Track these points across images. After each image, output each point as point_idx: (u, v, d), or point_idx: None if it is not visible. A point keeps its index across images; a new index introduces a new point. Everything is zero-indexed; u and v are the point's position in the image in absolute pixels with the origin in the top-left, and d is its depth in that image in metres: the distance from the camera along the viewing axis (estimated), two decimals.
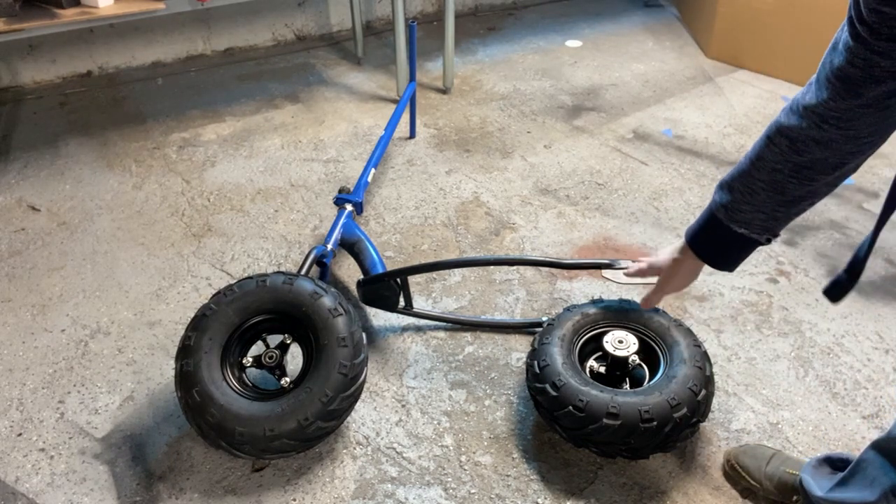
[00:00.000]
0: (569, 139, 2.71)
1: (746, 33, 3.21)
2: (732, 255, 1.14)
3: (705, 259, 1.18)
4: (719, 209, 1.09)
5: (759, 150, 1.00)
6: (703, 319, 1.85)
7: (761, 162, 1.00)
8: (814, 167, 0.95)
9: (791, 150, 0.95)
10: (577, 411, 1.34)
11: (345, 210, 1.97)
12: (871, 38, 0.78)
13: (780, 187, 0.99)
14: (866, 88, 0.83)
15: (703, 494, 1.41)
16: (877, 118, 0.86)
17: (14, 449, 1.52)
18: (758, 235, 1.08)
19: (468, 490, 1.42)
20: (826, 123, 0.89)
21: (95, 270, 2.04)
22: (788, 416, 1.57)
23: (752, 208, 1.04)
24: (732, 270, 1.17)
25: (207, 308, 1.44)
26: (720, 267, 1.17)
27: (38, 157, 2.59)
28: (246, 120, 2.85)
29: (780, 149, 0.96)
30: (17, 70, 3.08)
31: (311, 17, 3.63)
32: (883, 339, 1.78)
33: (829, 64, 0.86)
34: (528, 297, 1.93)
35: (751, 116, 2.87)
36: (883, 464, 1.05)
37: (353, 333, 1.41)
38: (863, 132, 0.88)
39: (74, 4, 2.40)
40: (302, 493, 1.42)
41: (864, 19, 0.77)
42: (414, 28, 2.38)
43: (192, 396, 1.35)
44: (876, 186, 2.38)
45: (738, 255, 1.14)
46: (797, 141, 0.93)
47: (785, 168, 0.97)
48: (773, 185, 1.00)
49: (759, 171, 1.00)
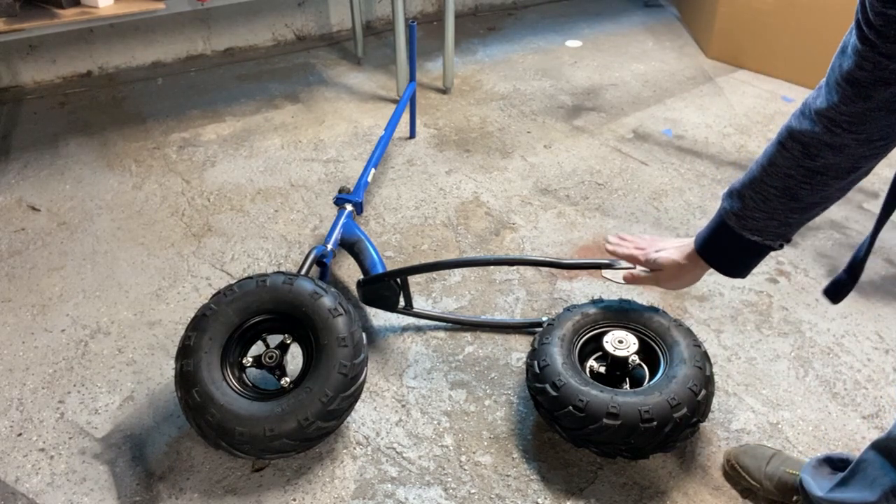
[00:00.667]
0: (569, 139, 2.71)
1: (746, 33, 3.21)
2: (745, 262, 1.14)
3: (717, 267, 1.17)
4: (730, 217, 1.09)
5: (770, 155, 1.00)
6: (703, 319, 1.85)
7: (774, 168, 0.99)
8: (827, 172, 0.94)
9: (804, 155, 0.94)
10: (577, 411, 1.34)
11: (345, 210, 1.97)
12: (878, 40, 0.78)
13: (793, 193, 0.99)
14: (876, 91, 0.82)
15: (703, 494, 1.41)
16: (888, 121, 0.85)
17: (14, 449, 1.52)
18: (771, 242, 1.08)
19: (468, 490, 1.42)
20: (838, 127, 0.88)
21: (95, 270, 2.04)
22: (788, 416, 1.57)
23: (765, 215, 1.04)
24: (744, 276, 1.17)
25: (207, 308, 1.44)
26: (732, 274, 1.16)
27: (38, 157, 2.59)
28: (246, 120, 2.85)
29: (793, 154, 0.95)
30: (17, 70, 3.08)
31: (311, 17, 3.63)
32: (883, 339, 1.78)
33: (839, 67, 0.86)
34: (528, 297, 1.93)
35: (751, 116, 2.87)
36: (883, 464, 1.05)
37: (353, 333, 1.41)
38: (874, 135, 0.88)
39: (74, 4, 2.40)
40: (302, 493, 1.42)
41: (871, 22, 0.77)
42: (414, 28, 2.38)
43: (192, 396, 1.35)
44: (876, 186, 2.38)
45: (750, 262, 1.14)
46: (810, 146, 0.93)
47: (798, 174, 0.96)
48: (786, 192, 0.99)
49: (771, 178, 1.00)
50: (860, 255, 1.00)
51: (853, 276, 1.02)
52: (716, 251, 1.16)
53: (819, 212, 1.03)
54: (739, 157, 2.58)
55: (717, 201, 1.90)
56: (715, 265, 1.17)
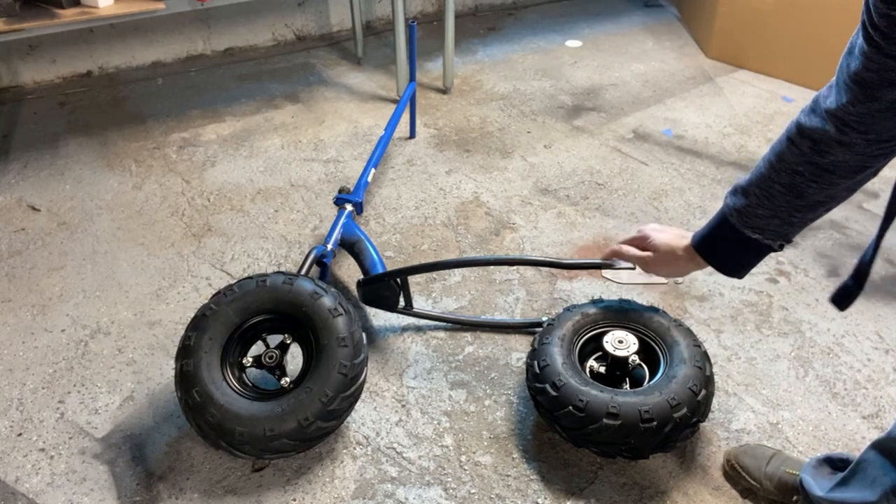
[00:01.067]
0: (569, 139, 2.71)
1: (746, 33, 3.21)
2: (743, 261, 1.13)
3: (715, 265, 1.16)
4: (732, 213, 1.08)
5: (779, 151, 0.99)
6: (703, 319, 1.85)
7: (782, 164, 0.98)
8: (835, 170, 0.94)
9: (813, 151, 0.94)
10: (577, 411, 1.34)
11: (345, 210, 1.97)
12: (883, 42, 0.78)
13: (798, 190, 0.98)
14: (882, 92, 0.82)
15: (703, 494, 1.41)
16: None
17: (14, 449, 1.52)
18: (771, 241, 1.07)
19: (468, 490, 1.42)
20: (847, 127, 0.88)
21: (95, 270, 2.04)
22: (788, 416, 1.57)
23: (769, 213, 1.03)
24: (741, 277, 1.16)
25: (207, 308, 1.44)
26: (729, 273, 1.16)
27: (38, 157, 2.59)
28: (246, 120, 2.85)
29: (802, 150, 0.95)
30: (17, 70, 3.08)
31: (311, 17, 3.63)
32: (883, 339, 1.78)
33: (847, 68, 0.86)
34: (528, 297, 1.93)
35: (751, 116, 2.87)
36: (883, 464, 1.05)
37: (353, 333, 1.41)
38: (884, 135, 0.88)
39: (74, 4, 2.40)
40: (302, 493, 1.42)
41: (876, 24, 0.77)
42: (414, 28, 2.38)
43: (192, 396, 1.35)
44: (876, 186, 2.38)
45: (749, 262, 1.13)
46: (820, 142, 0.92)
47: (806, 171, 0.96)
48: (792, 189, 0.99)
49: (778, 174, 0.99)
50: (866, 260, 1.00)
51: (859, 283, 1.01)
52: (715, 248, 1.15)
53: (822, 213, 1.02)
54: (739, 157, 2.58)
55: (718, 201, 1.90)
56: (712, 262, 1.17)
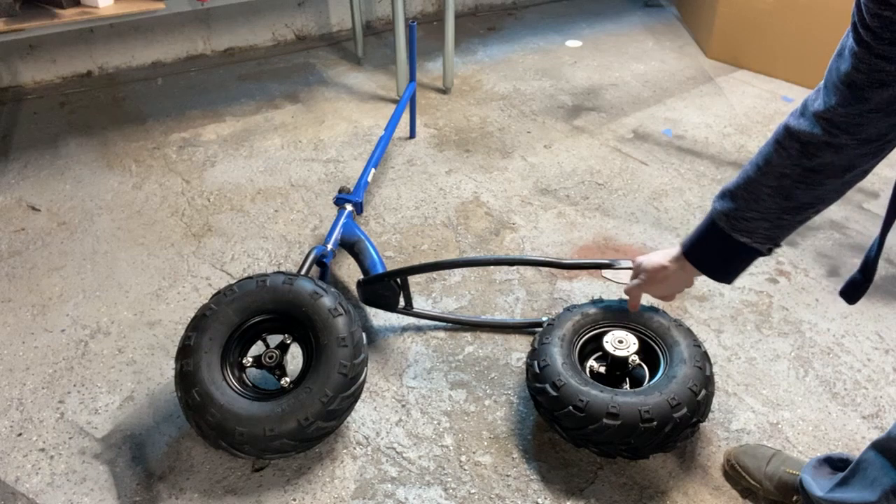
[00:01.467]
0: (569, 139, 2.71)
1: (746, 33, 3.21)
2: (732, 266, 1.13)
3: (703, 270, 1.16)
4: (720, 217, 1.08)
5: (766, 154, 0.99)
6: (703, 319, 1.85)
7: (769, 166, 0.98)
8: (823, 171, 0.94)
9: (801, 154, 0.94)
10: (577, 411, 1.34)
11: (345, 210, 1.97)
12: (874, 42, 0.78)
13: (787, 193, 0.98)
14: (872, 93, 0.82)
15: (703, 494, 1.41)
16: (886, 123, 0.85)
17: (14, 449, 1.52)
18: (760, 245, 1.06)
19: (468, 490, 1.42)
20: (836, 129, 0.88)
21: (95, 270, 2.04)
22: (788, 416, 1.57)
23: (757, 216, 1.03)
24: (731, 282, 1.15)
25: (207, 308, 1.44)
26: (718, 278, 1.15)
27: (38, 157, 2.59)
28: (246, 120, 2.85)
29: (790, 152, 0.95)
30: (17, 70, 3.08)
31: (311, 17, 3.63)
32: (883, 339, 1.78)
33: (836, 70, 0.86)
34: (528, 297, 1.93)
35: (751, 116, 2.87)
36: (883, 464, 1.05)
37: (353, 333, 1.41)
38: (873, 136, 0.88)
39: (74, 4, 2.40)
40: (302, 493, 1.42)
41: (867, 24, 0.77)
42: (414, 28, 2.38)
43: (192, 396, 1.35)
44: (876, 186, 2.38)
45: (738, 266, 1.12)
46: (809, 145, 0.92)
47: (793, 173, 0.96)
48: (780, 191, 0.98)
49: (765, 177, 0.99)
50: (872, 254, 1.00)
51: (867, 276, 1.01)
52: (703, 253, 1.15)
53: (812, 214, 1.02)
54: (739, 157, 2.58)
55: None
56: (701, 267, 1.16)
